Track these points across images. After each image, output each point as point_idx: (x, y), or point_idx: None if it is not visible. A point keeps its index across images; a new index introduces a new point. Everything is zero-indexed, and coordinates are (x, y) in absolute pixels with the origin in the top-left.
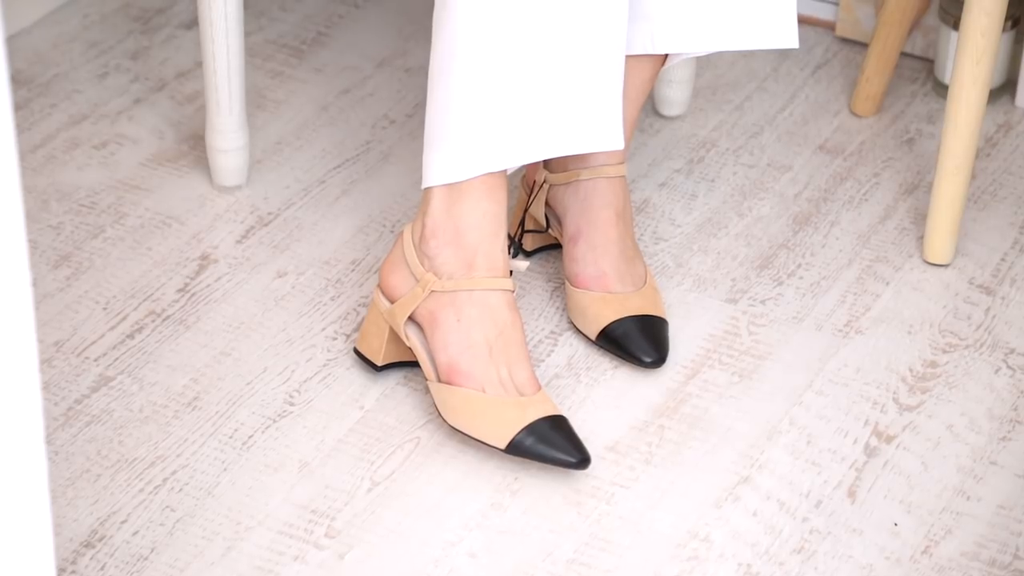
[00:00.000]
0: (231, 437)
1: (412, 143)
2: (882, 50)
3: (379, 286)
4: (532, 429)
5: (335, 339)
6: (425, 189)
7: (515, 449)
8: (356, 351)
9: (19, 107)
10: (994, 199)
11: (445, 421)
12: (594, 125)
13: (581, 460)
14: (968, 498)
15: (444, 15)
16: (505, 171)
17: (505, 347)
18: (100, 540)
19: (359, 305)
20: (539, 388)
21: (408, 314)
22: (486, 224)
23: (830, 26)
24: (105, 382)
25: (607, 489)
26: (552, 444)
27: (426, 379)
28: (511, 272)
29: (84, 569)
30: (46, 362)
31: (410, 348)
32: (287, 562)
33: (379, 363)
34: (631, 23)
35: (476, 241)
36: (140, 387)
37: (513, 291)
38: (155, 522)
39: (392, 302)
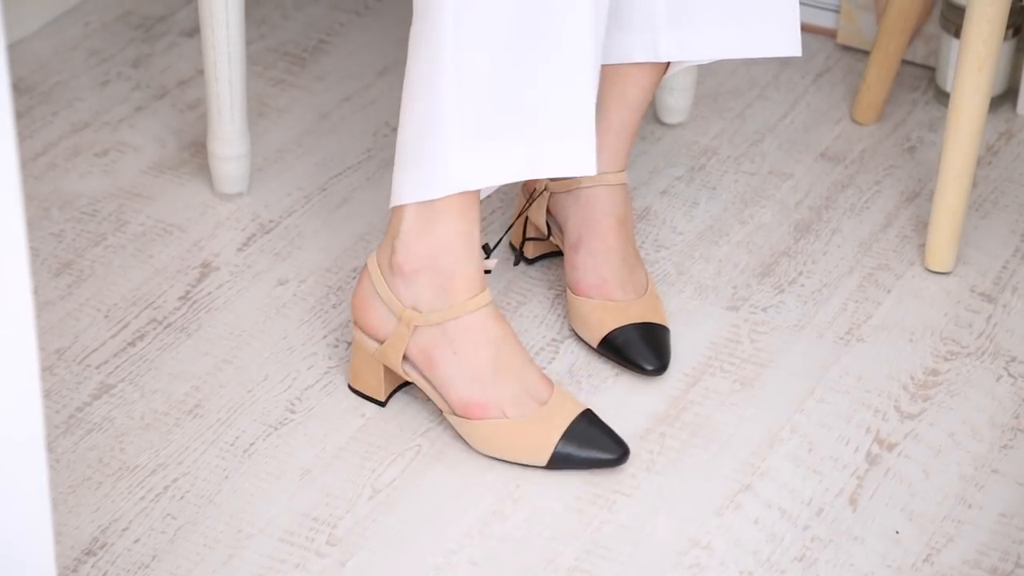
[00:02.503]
0: (232, 445)
1: None
2: (883, 58)
3: (356, 324)
4: (566, 436)
5: (336, 347)
6: (394, 211)
7: (556, 463)
8: (353, 390)
9: (21, 115)
10: (995, 207)
11: (477, 451)
12: (568, 150)
13: (621, 455)
14: (970, 506)
15: (422, 36)
16: (478, 191)
17: (507, 362)
18: (101, 548)
19: None
20: (552, 387)
21: (400, 355)
22: (460, 246)
23: (831, 34)
24: (106, 390)
25: (608, 497)
26: (589, 445)
27: (441, 411)
28: (487, 272)
29: None
30: (47, 370)
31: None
32: (288, 570)
33: (383, 399)
34: (634, 30)
35: (452, 264)
36: (141, 395)
37: (492, 301)
38: (156, 530)
39: (376, 340)
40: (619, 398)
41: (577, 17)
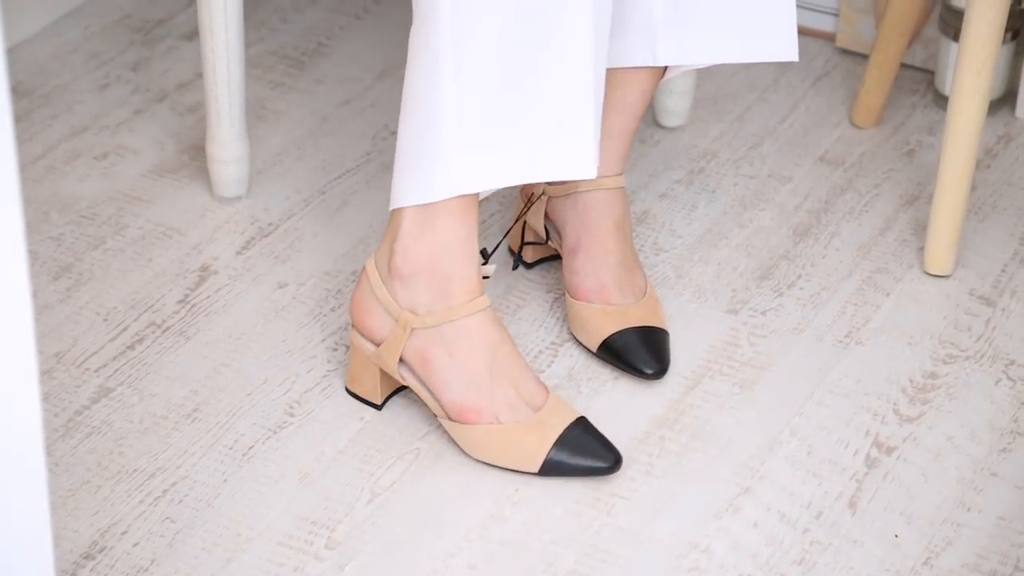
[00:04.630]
0: (231, 448)
1: None
2: (882, 61)
3: (354, 326)
4: (559, 444)
5: (335, 350)
6: (392, 214)
7: (548, 470)
8: (350, 392)
9: (20, 118)
10: (994, 210)
11: (470, 456)
12: (567, 153)
13: (613, 463)
14: (968, 509)
15: (420, 39)
16: (477, 194)
17: (503, 366)
18: (100, 551)
19: None
20: (547, 393)
21: (396, 357)
22: (459, 249)
23: (830, 37)
24: (105, 393)
25: (608, 500)
26: (582, 453)
27: (436, 415)
28: (485, 278)
29: None
30: (46, 373)
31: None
32: (287, 573)
33: (379, 402)
34: (632, 35)
35: (451, 268)
36: (140, 398)
37: (489, 305)
38: (155, 533)
39: (374, 343)
40: (618, 402)
41: (576, 19)
